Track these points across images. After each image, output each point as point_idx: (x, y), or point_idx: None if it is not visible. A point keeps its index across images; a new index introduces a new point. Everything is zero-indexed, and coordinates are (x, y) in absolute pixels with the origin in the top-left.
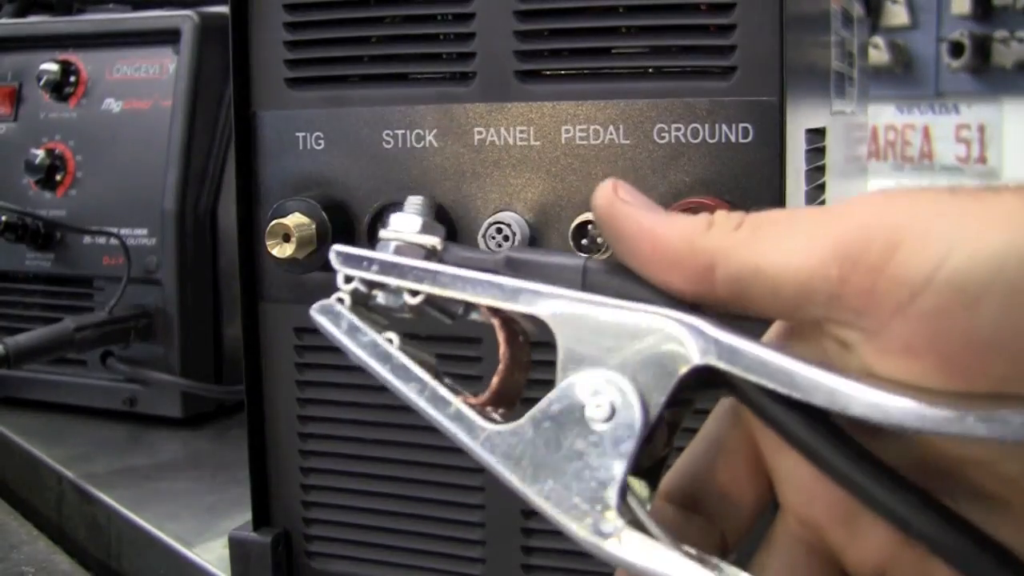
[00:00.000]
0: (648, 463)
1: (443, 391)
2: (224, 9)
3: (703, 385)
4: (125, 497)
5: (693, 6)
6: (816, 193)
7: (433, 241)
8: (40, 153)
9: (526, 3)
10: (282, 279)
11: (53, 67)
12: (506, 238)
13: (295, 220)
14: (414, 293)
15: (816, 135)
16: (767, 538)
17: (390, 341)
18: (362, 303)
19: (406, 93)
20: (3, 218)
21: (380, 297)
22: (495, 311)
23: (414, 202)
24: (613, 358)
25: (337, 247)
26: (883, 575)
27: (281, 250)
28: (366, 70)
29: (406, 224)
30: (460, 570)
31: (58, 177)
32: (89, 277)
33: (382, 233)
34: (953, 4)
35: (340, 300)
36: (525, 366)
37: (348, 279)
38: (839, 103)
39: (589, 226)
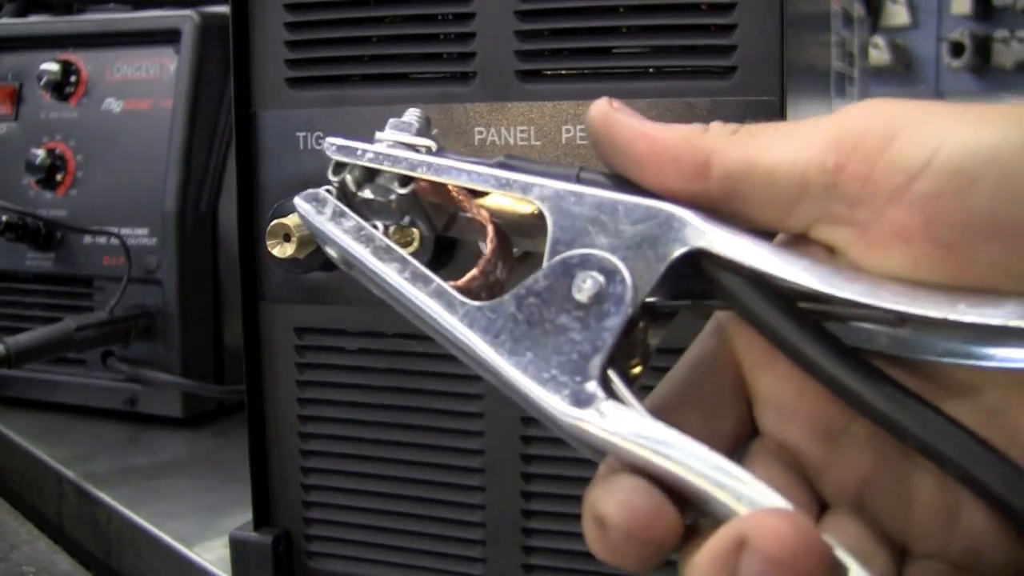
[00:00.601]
0: (626, 366)
1: (424, 270)
2: (224, 9)
3: (688, 291)
4: (125, 497)
5: (693, 6)
6: None
7: (428, 143)
8: (41, 153)
9: (526, 3)
10: (282, 279)
11: (54, 67)
12: None
13: (295, 220)
14: (405, 184)
15: None
16: (744, 461)
17: (375, 227)
18: (348, 199)
19: (407, 93)
20: (4, 218)
21: (368, 191)
22: (486, 208)
23: (412, 112)
24: (604, 241)
25: (331, 138)
26: (860, 499)
27: (281, 250)
28: (366, 70)
29: (402, 128)
30: (460, 570)
31: (59, 177)
32: (89, 277)
33: (378, 134)
34: (953, 4)
35: (327, 191)
36: (508, 263)
37: (339, 169)
38: (839, 103)
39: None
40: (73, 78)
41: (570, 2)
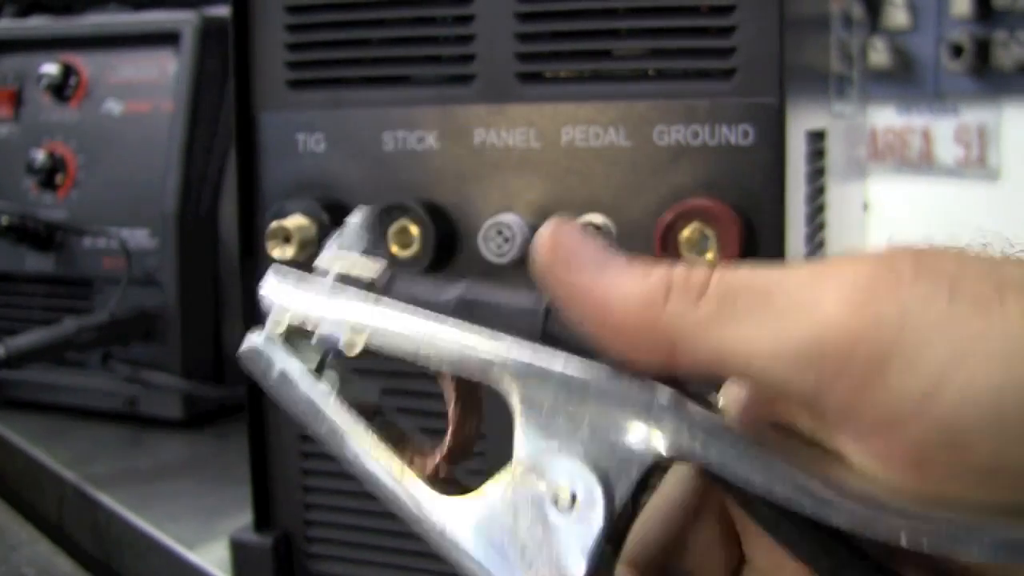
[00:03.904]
0: (613, 533)
1: (383, 460)
2: (225, 11)
3: None
4: (126, 499)
5: (693, 8)
6: (816, 195)
7: (375, 270)
8: (41, 154)
9: (526, 5)
10: None
11: (54, 69)
12: (506, 240)
13: (295, 222)
14: (352, 344)
15: (816, 137)
16: None
17: (327, 393)
18: (303, 335)
19: (407, 95)
20: (4, 219)
21: (318, 335)
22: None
23: (355, 221)
24: (575, 435)
25: (272, 274)
26: None
27: (281, 251)
28: (367, 72)
29: (347, 245)
30: None
31: (59, 179)
32: (90, 279)
33: (318, 260)
34: (953, 5)
35: (275, 334)
36: (476, 418)
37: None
38: (839, 104)
39: (591, 227)
40: (73, 80)
41: (570, 4)
